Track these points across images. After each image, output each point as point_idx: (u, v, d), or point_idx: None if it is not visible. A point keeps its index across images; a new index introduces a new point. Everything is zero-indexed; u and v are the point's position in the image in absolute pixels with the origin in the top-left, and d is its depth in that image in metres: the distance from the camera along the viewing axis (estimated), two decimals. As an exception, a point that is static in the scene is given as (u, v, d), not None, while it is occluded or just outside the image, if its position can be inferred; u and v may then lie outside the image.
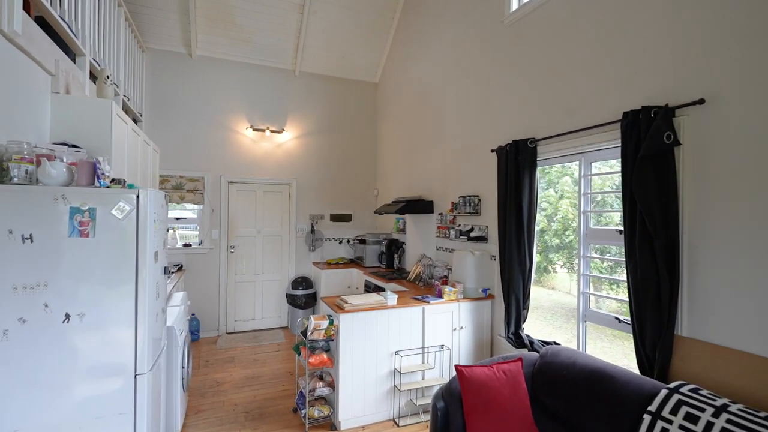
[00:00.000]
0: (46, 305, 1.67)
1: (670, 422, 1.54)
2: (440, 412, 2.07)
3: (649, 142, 1.91)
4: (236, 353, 4.31)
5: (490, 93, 3.38)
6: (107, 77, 2.44)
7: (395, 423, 2.88)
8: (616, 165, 2.39)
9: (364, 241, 5.18)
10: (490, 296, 3.24)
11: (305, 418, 2.77)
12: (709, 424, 1.44)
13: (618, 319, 2.31)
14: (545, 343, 2.73)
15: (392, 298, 2.98)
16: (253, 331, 5.09)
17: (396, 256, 4.79)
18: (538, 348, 2.70)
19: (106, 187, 1.81)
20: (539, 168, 2.84)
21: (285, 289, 5.27)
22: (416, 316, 3.00)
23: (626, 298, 2.11)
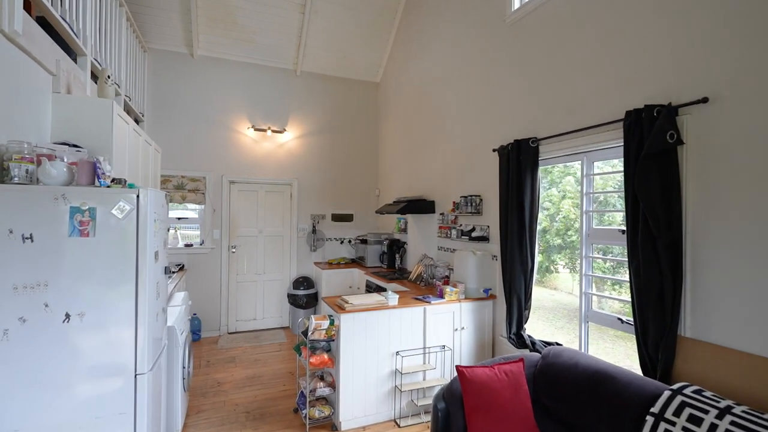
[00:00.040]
0: (47, 305, 1.67)
1: (673, 424, 1.52)
2: (441, 413, 2.06)
3: (651, 142, 1.90)
4: (237, 353, 4.31)
5: (491, 92, 3.37)
6: (108, 77, 2.44)
7: (396, 424, 2.87)
8: (618, 164, 2.38)
9: (365, 241, 5.17)
10: (492, 296, 3.22)
11: (306, 418, 2.76)
12: (713, 426, 1.42)
13: (620, 319, 2.29)
14: (547, 343, 2.71)
15: (393, 298, 2.97)
16: (254, 331, 5.09)
17: (397, 256, 4.78)
18: (540, 349, 2.68)
19: (107, 186, 1.81)
20: (541, 168, 2.83)
21: (286, 289, 5.27)
22: (417, 316, 2.99)
23: (629, 299, 2.10)
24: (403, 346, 2.94)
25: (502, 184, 2.99)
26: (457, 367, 2.06)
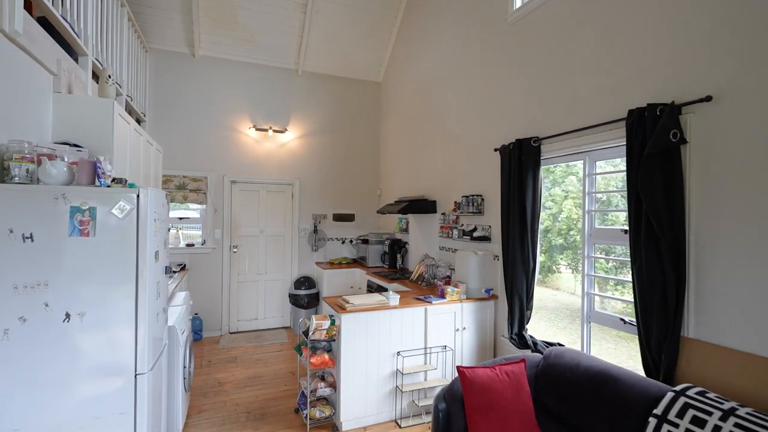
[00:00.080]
0: (47, 305, 1.67)
1: (676, 426, 1.51)
2: (442, 413, 2.05)
3: (654, 141, 1.88)
4: (239, 353, 4.31)
5: (493, 91, 3.36)
6: (109, 77, 2.44)
7: (397, 424, 2.86)
8: (620, 164, 2.36)
9: (366, 241, 5.16)
10: (494, 296, 3.21)
11: (307, 418, 2.75)
12: (717, 428, 1.41)
13: (623, 320, 2.27)
14: (549, 344, 2.70)
15: (394, 299, 2.96)
16: (255, 331, 5.09)
17: (399, 256, 4.77)
18: (542, 349, 2.67)
19: (107, 186, 1.81)
20: (543, 167, 2.81)
21: (288, 288, 5.27)
22: (418, 316, 2.98)
23: (631, 299, 2.08)
24: (404, 346, 2.93)
25: (504, 184, 2.97)
26: (458, 368, 2.05)
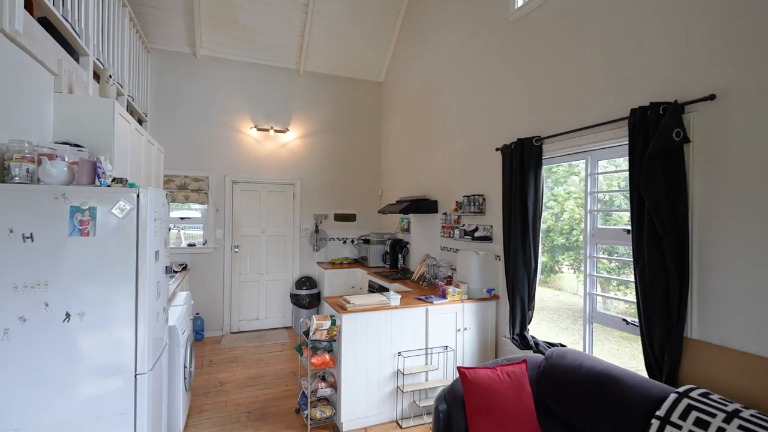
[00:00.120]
0: (47, 304, 1.67)
1: (679, 427, 1.49)
2: (442, 414, 2.04)
3: (657, 140, 1.86)
4: (240, 353, 4.31)
5: (494, 91, 3.34)
6: (109, 76, 2.44)
7: (398, 425, 2.85)
8: (623, 163, 2.35)
9: (368, 241, 5.15)
10: (495, 297, 3.20)
11: (307, 418, 2.75)
12: (720, 430, 1.39)
13: (626, 320, 2.26)
14: (551, 344, 2.69)
15: (395, 299, 2.95)
16: (257, 331, 5.09)
17: (400, 256, 4.76)
18: (544, 350, 2.65)
19: (107, 186, 1.80)
20: (545, 167, 2.80)
21: (289, 288, 5.27)
22: (420, 316, 2.97)
23: (634, 300, 2.06)
24: (405, 346, 2.92)
25: (506, 184, 2.96)
26: (459, 368, 2.04)
